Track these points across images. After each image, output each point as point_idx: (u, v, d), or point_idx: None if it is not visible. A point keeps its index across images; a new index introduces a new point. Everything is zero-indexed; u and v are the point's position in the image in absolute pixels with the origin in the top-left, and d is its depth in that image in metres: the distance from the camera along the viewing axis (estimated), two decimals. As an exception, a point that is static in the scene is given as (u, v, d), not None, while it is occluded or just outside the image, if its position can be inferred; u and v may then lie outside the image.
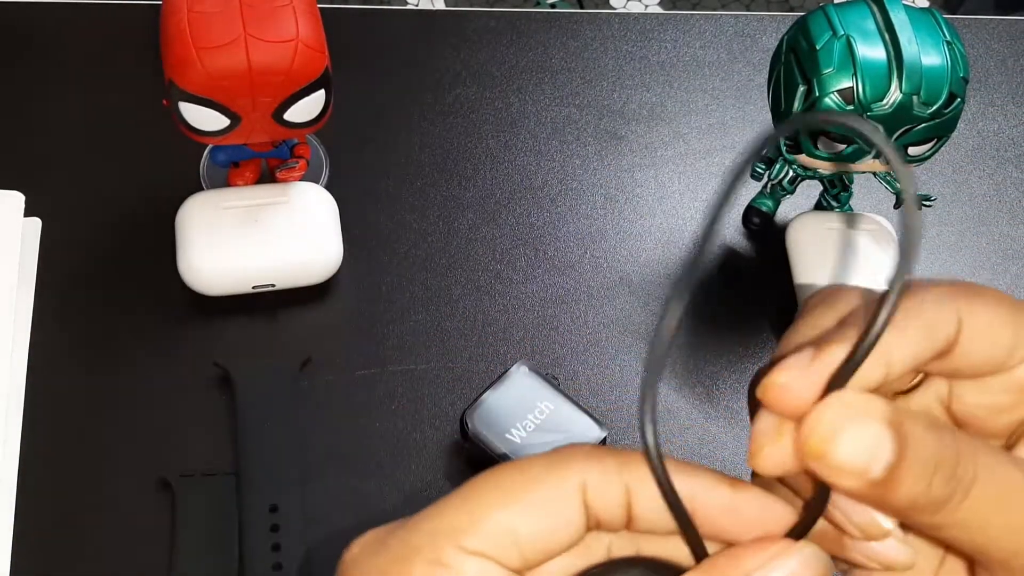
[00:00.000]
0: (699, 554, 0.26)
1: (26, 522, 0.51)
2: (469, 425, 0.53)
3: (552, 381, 0.55)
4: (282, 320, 0.58)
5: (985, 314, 0.27)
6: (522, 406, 0.53)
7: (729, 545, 0.26)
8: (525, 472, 0.26)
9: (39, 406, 0.54)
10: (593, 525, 0.26)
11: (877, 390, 0.26)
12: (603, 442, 0.53)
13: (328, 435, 0.55)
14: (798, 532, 0.26)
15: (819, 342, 0.25)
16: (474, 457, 0.54)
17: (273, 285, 0.57)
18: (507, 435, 0.52)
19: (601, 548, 0.27)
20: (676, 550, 0.27)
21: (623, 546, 0.27)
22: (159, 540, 0.51)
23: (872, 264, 0.60)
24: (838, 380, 0.24)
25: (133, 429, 0.55)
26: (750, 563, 0.25)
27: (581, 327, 0.60)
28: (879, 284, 0.59)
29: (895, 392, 0.29)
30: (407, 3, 1.63)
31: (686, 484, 0.26)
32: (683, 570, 0.26)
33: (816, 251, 0.60)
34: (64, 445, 0.54)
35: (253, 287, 0.57)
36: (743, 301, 0.62)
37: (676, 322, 0.24)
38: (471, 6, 1.10)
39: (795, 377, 0.25)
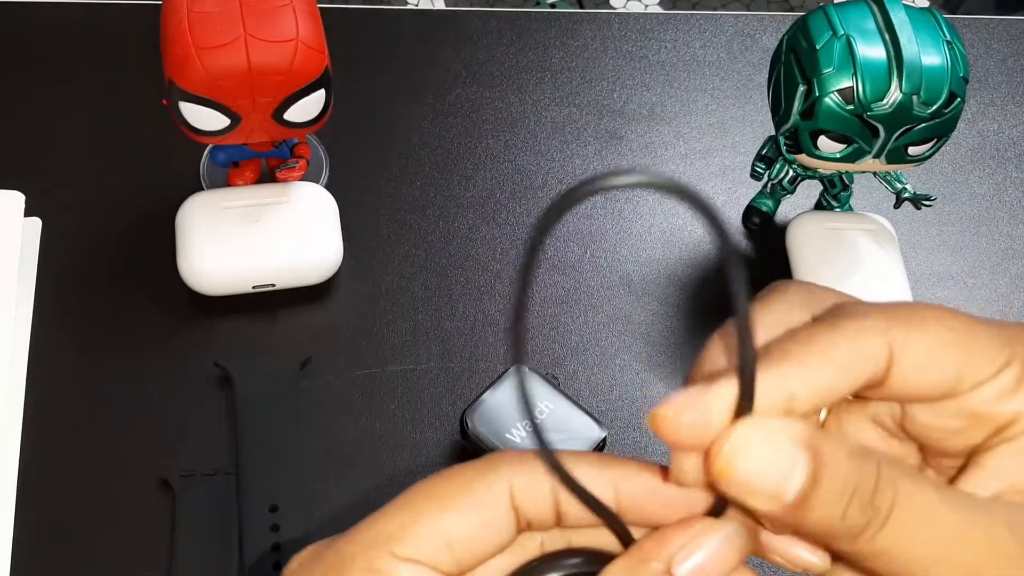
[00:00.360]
0: (625, 540, 0.26)
1: (26, 522, 0.51)
2: (469, 425, 0.53)
3: (552, 381, 0.55)
4: (282, 320, 0.58)
5: (924, 343, 0.26)
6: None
7: (656, 529, 0.27)
8: (455, 479, 0.27)
9: (39, 406, 0.54)
10: (524, 526, 0.27)
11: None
12: (603, 442, 0.53)
13: (328, 435, 0.55)
14: (718, 510, 0.26)
15: (715, 376, 0.25)
16: (474, 457, 0.54)
17: (273, 285, 0.57)
18: (507, 435, 0.52)
19: (534, 545, 0.28)
20: (607, 541, 0.27)
21: (555, 542, 0.28)
22: (159, 540, 0.51)
23: (872, 263, 0.60)
24: (738, 412, 0.25)
25: (133, 429, 0.55)
26: (675, 544, 0.26)
27: (581, 327, 0.60)
28: (879, 284, 0.59)
29: (845, 400, 0.29)
30: (407, 3, 1.63)
31: (608, 475, 0.26)
32: (614, 557, 0.27)
33: (816, 251, 0.60)
34: (64, 445, 0.54)
35: (253, 287, 0.57)
36: (743, 301, 0.62)
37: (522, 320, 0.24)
38: (471, 6, 1.10)
39: (679, 412, 0.25)
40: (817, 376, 0.25)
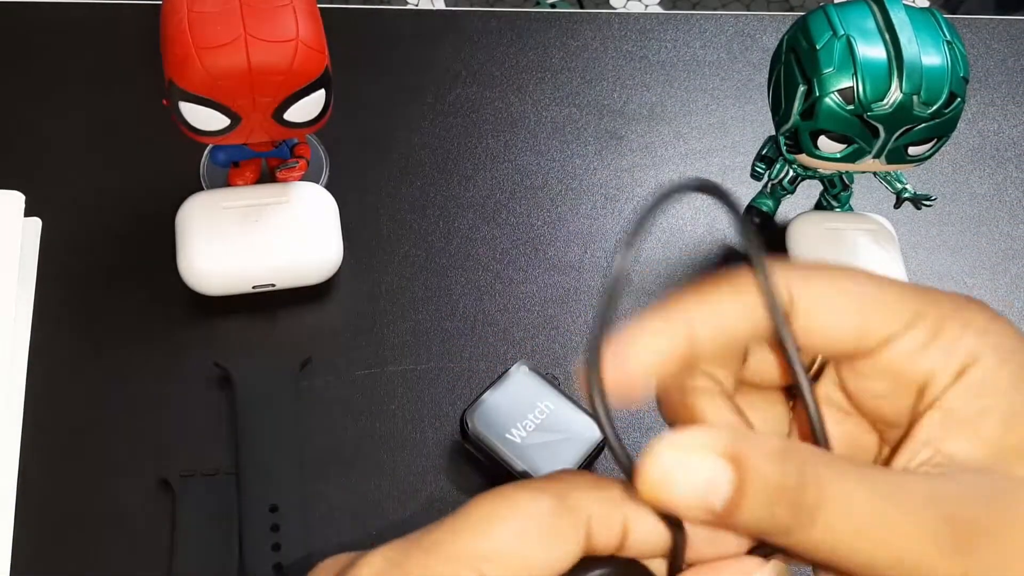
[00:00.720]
0: (676, 566, 0.27)
1: (26, 522, 0.51)
2: (469, 425, 0.53)
3: (552, 381, 0.55)
4: (282, 320, 0.58)
5: (821, 288, 0.27)
6: (522, 406, 0.53)
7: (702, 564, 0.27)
8: (538, 499, 0.26)
9: (39, 406, 0.54)
10: (588, 551, 0.27)
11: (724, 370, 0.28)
12: (603, 442, 0.53)
13: (328, 435, 0.55)
14: (767, 551, 0.27)
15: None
16: (474, 457, 0.54)
17: (273, 285, 0.57)
18: (507, 435, 0.52)
19: None
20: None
21: None
22: (159, 540, 0.51)
23: (872, 263, 0.60)
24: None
25: (133, 429, 0.55)
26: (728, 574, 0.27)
27: (581, 327, 0.60)
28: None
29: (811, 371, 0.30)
30: (407, 3, 1.63)
31: (645, 515, 0.27)
32: (649, 572, 0.27)
33: (816, 251, 0.60)
34: (64, 445, 0.54)
35: (253, 287, 0.57)
36: (743, 301, 0.62)
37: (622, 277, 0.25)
38: (471, 6, 1.10)
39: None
40: (716, 312, 0.27)
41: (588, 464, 0.54)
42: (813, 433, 0.28)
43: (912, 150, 0.54)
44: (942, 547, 0.25)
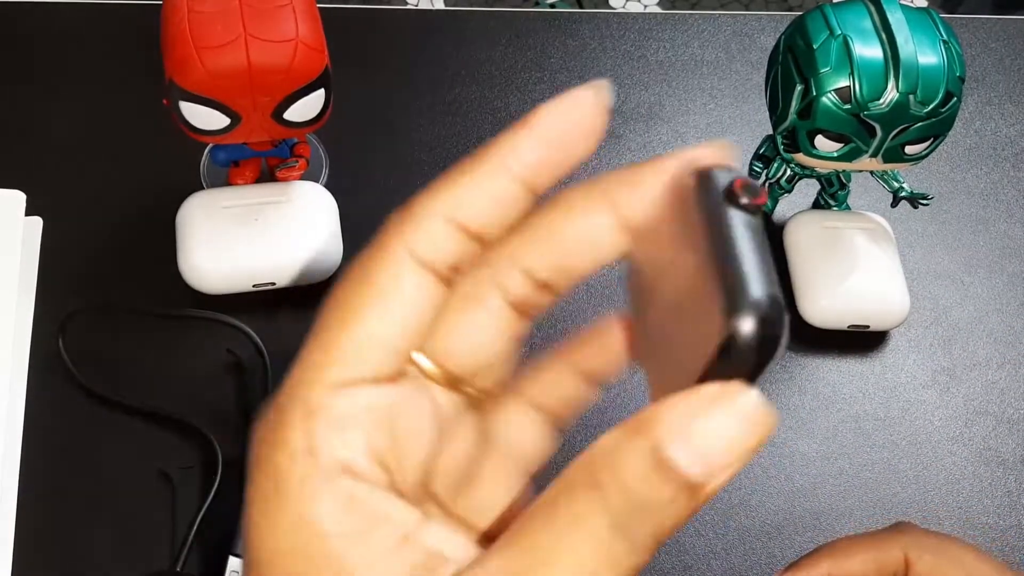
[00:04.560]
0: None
1: (27, 521, 0.51)
2: (468, 423, 0.53)
3: (551, 379, 0.55)
4: (282, 319, 0.59)
5: (934, 559, 0.36)
6: (521, 404, 0.53)
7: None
8: (361, 277, 0.24)
9: (40, 405, 0.55)
10: (447, 274, 0.24)
11: None
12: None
13: (328, 433, 0.55)
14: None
15: None
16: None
17: (273, 284, 0.58)
18: (506, 433, 0.52)
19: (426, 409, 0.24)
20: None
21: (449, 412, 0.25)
22: (160, 537, 0.51)
23: (870, 262, 0.60)
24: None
25: (134, 428, 0.55)
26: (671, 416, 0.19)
27: (580, 325, 0.60)
28: (876, 282, 0.59)
29: None
30: (407, 3, 1.63)
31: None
32: None
33: (814, 250, 0.60)
34: (65, 443, 0.54)
35: (253, 286, 0.57)
36: (741, 299, 0.62)
37: None
38: (471, 6, 1.10)
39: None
40: (850, 565, 0.37)
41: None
42: None
43: (909, 149, 0.54)
44: None
